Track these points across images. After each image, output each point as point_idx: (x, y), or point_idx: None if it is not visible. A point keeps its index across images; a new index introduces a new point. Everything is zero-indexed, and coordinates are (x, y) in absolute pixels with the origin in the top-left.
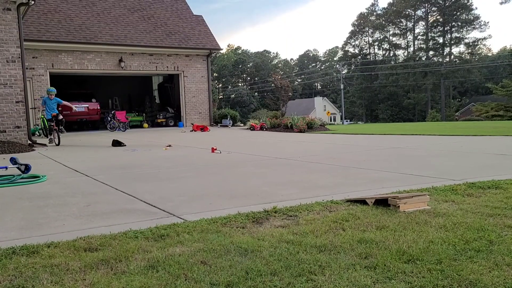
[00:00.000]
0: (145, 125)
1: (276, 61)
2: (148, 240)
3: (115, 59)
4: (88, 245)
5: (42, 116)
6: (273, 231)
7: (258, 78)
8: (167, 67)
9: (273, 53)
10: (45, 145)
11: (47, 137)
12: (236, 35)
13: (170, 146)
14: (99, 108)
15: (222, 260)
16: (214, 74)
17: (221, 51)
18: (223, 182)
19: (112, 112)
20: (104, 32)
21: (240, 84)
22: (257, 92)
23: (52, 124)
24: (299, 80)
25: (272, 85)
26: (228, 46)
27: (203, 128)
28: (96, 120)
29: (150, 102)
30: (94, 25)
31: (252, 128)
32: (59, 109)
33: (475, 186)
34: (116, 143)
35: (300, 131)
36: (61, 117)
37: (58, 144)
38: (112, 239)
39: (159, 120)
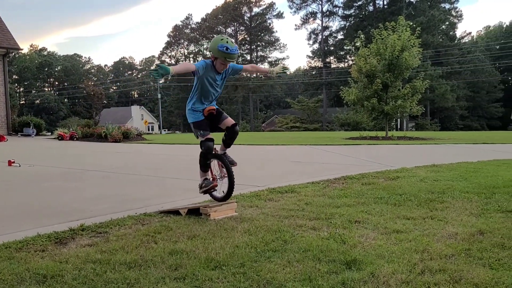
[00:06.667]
0: None
1: (89, 66)
2: None
3: None
4: None
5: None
6: (79, 251)
7: (68, 83)
8: None
9: (85, 57)
10: None
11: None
12: (41, 36)
13: None
14: None
15: None
16: (14, 76)
17: (22, 51)
18: (22, 200)
19: None
20: None
21: (46, 89)
22: (67, 99)
23: (210, 142)
24: (114, 88)
25: (84, 91)
26: (31, 46)
27: None
28: None
29: None
30: None
31: (61, 137)
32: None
33: (275, 191)
34: None
35: (116, 141)
36: (232, 121)
37: (226, 199)
38: None
39: None
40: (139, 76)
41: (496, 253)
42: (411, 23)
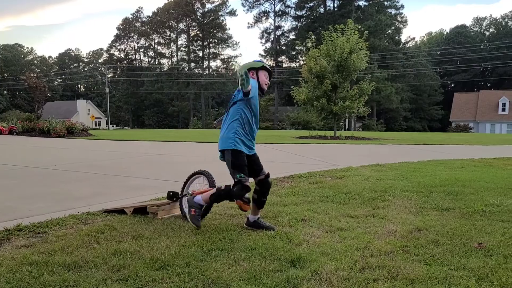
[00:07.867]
0: None
1: (31, 57)
2: None
3: None
4: None
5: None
6: (15, 252)
7: (8, 75)
8: None
9: (27, 47)
10: None
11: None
12: None
13: None
14: None
15: None
16: None
17: None
18: None
19: None
20: None
21: None
22: (6, 91)
23: (245, 192)
24: (59, 80)
25: (26, 84)
26: None
27: None
28: None
29: None
30: None
31: None
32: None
33: None
34: None
35: (59, 136)
36: (265, 172)
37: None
38: None
39: None
40: (86, 69)
41: (431, 250)
42: (360, 27)
